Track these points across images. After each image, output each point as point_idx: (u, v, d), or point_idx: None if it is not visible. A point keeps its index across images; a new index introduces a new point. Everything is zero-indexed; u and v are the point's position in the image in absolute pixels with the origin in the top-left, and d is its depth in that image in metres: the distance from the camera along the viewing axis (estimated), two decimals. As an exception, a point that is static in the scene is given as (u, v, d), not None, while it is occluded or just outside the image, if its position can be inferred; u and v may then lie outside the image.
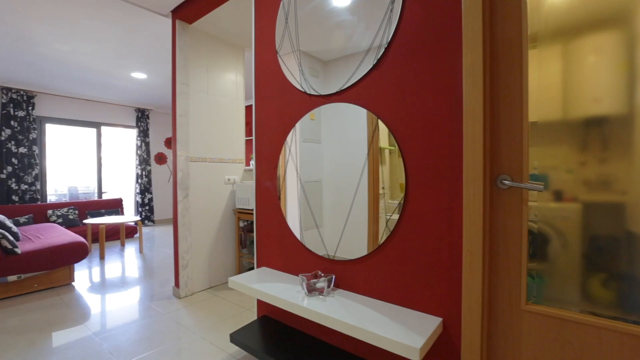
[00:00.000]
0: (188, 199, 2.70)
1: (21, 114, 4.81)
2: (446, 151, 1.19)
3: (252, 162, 4.15)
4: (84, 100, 5.61)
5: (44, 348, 1.89)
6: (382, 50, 1.33)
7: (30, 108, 4.90)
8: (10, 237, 2.67)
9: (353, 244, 1.47)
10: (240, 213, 3.02)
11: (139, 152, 6.26)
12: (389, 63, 1.33)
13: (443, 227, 1.20)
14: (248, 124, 5.85)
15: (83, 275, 3.31)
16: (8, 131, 4.70)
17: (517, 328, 1.10)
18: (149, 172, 6.40)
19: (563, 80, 1.02)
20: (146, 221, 6.36)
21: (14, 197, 4.75)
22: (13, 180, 4.74)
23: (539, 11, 1.05)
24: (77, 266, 3.66)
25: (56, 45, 3.33)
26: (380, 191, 1.38)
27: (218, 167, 2.99)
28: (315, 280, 1.42)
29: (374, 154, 1.39)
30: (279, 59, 1.78)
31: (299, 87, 1.68)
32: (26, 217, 4.52)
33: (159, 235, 5.42)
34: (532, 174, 1.07)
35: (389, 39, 1.31)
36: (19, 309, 2.46)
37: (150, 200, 6.41)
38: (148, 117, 6.43)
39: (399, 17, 1.29)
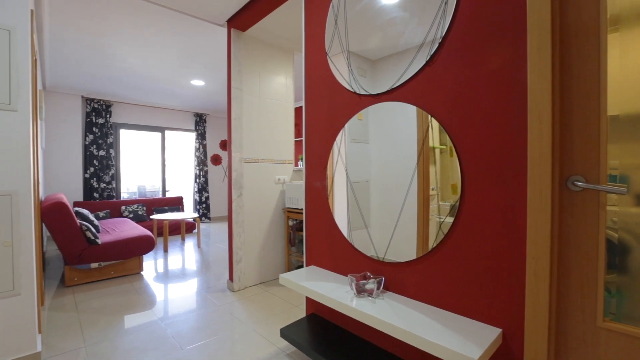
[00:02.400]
0: (242, 197, 2.84)
1: (101, 121, 5.47)
2: (508, 149, 1.10)
3: (301, 163, 4.21)
4: (151, 107, 6.20)
5: (119, 328, 2.13)
6: (436, 45, 1.28)
7: (108, 116, 5.55)
8: (93, 230, 3.05)
9: (403, 246, 1.43)
10: (290, 212, 3.10)
11: (197, 153, 6.74)
12: (444, 58, 1.27)
13: (504, 232, 1.11)
14: (297, 125, 6.00)
15: (150, 266, 3.66)
16: (91, 136, 5.37)
17: (592, 347, 0.98)
18: (206, 172, 6.86)
19: (652, 67, 0.89)
20: (203, 218, 6.82)
21: (95, 194, 5.41)
22: (94, 179, 5.41)
23: (621, -10, 0.93)
24: (145, 257, 4.05)
25: (130, 59, 3.73)
26: (431, 192, 1.33)
27: (269, 167, 3.11)
28: (364, 281, 1.41)
29: (425, 154, 1.34)
30: (329, 60, 1.79)
31: (348, 87, 1.68)
32: (104, 212, 5.12)
33: (215, 232, 5.79)
34: (610, 175, 0.95)
35: (444, 33, 1.26)
36: (99, 293, 2.79)
37: (207, 198, 6.87)
38: (205, 121, 6.90)
39: (455, 7, 1.23)
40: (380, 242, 1.53)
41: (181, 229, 5.07)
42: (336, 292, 1.46)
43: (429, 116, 1.32)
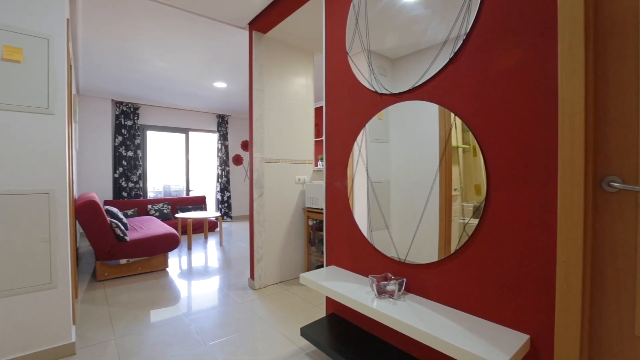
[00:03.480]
0: (262, 197, 2.88)
1: (129, 123, 5.70)
2: (536, 148, 1.06)
3: (320, 163, 4.21)
4: (175, 109, 6.40)
5: (146, 322, 2.21)
6: (460, 41, 1.25)
7: (135, 118, 5.78)
8: (122, 227, 3.18)
9: (425, 248, 1.40)
10: (310, 212, 3.12)
11: (219, 154, 6.90)
12: (468, 55, 1.24)
13: (532, 234, 1.07)
14: (316, 125, 6.01)
15: (174, 263, 3.78)
16: (120, 138, 5.61)
17: (630, 358, 0.93)
18: (228, 172, 7.01)
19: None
20: (225, 217, 6.97)
21: (123, 193, 5.64)
22: (123, 179, 5.64)
23: (663, -21, 0.88)
24: (169, 254, 4.19)
25: (156, 63, 3.87)
26: (453, 193, 1.30)
27: (289, 167, 3.14)
28: (385, 282, 1.40)
29: (448, 153, 1.31)
30: (349, 59, 1.79)
31: (369, 86, 1.67)
32: (132, 210, 5.33)
33: (236, 230, 5.90)
34: (652, 175, 0.90)
35: (468, 30, 1.23)
36: (127, 288, 2.91)
37: (229, 198, 7.01)
38: (227, 122, 7.05)
39: (480, 2, 1.19)
40: (401, 243, 1.51)
41: (204, 228, 5.21)
42: (357, 292, 1.45)
43: (453, 115, 1.29)
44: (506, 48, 1.13)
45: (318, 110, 6.02)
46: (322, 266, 3.23)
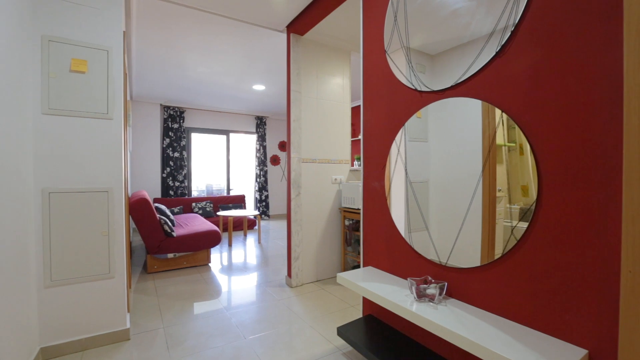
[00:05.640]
0: (300, 197, 2.93)
1: (175, 126, 6.07)
2: (597, 147, 0.97)
3: (356, 163, 4.16)
4: (217, 112, 6.71)
5: (191, 314, 2.34)
6: (508, 32, 1.18)
7: (181, 121, 6.13)
8: (170, 223, 3.40)
9: (468, 251, 1.34)
10: (346, 212, 3.11)
11: (257, 154, 7.11)
12: (517, 47, 1.17)
13: (592, 240, 0.98)
14: (352, 125, 5.98)
15: (216, 258, 3.96)
16: (167, 140, 5.99)
17: None
18: (266, 172, 7.21)
19: None
20: (263, 215, 7.17)
21: (170, 192, 6.02)
22: (170, 178, 6.02)
23: None
24: (212, 250, 4.39)
25: (200, 68, 4.08)
26: (497, 194, 1.23)
27: (326, 167, 3.15)
28: (425, 285, 1.35)
29: (492, 152, 1.24)
30: (388, 57, 1.76)
31: (408, 84, 1.63)
32: (178, 208, 5.67)
33: (273, 229, 6.05)
34: None
35: (517, 19, 1.15)
36: (174, 281, 3.10)
37: (267, 197, 7.20)
38: (265, 124, 7.24)
39: (531, -7, 1.12)
40: (442, 246, 1.46)
41: (243, 226, 5.40)
42: (395, 294, 1.42)
43: (499, 112, 1.22)
44: (560, 37, 1.05)
45: (354, 110, 5.99)
46: (358, 266, 3.21)
